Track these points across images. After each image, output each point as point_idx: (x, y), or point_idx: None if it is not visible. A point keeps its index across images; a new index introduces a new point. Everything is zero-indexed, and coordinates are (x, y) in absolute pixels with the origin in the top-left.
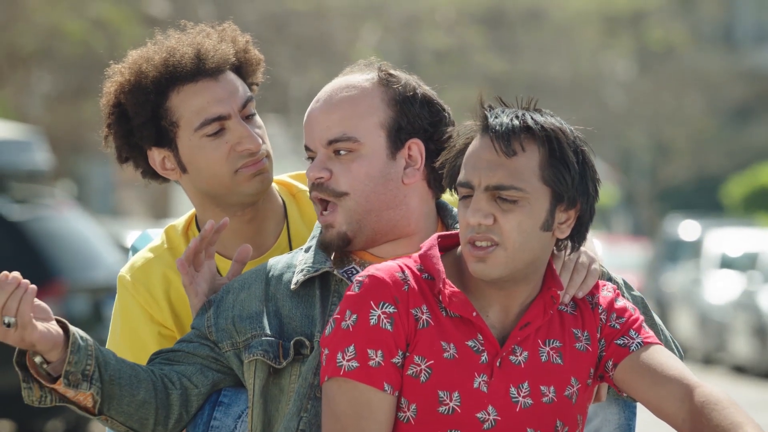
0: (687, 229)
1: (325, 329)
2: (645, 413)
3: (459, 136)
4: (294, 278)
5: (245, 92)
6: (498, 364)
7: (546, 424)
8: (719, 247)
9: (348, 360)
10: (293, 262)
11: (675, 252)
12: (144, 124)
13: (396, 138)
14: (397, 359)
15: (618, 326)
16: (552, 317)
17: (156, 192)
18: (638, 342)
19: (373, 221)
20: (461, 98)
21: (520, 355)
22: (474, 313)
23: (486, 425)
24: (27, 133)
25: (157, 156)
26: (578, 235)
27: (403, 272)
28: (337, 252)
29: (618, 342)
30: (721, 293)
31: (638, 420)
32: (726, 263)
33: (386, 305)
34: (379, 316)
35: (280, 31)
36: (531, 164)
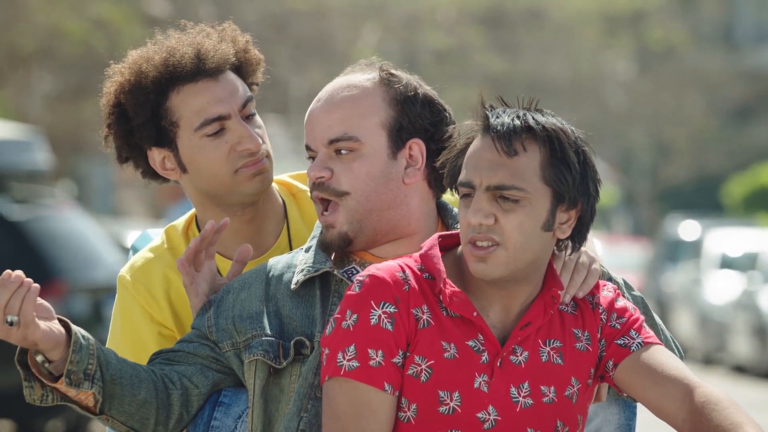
0: (687, 229)
1: (326, 329)
2: (645, 413)
3: (460, 136)
4: (294, 278)
5: (245, 92)
6: (498, 364)
7: (546, 424)
8: (719, 247)
9: (348, 360)
10: (293, 262)
11: (675, 252)
12: (144, 124)
13: (397, 138)
14: (398, 359)
15: (618, 326)
16: (552, 317)
17: (156, 192)
18: (639, 342)
19: (374, 221)
20: (461, 98)
21: (521, 355)
22: (474, 313)
23: (486, 425)
24: (27, 133)
25: (157, 156)
26: (579, 236)
27: (404, 272)
28: (338, 252)
29: (618, 342)
30: (722, 293)
31: (638, 420)
32: (726, 263)
33: (387, 305)
34: (380, 316)
35: (280, 31)
36: (532, 164)
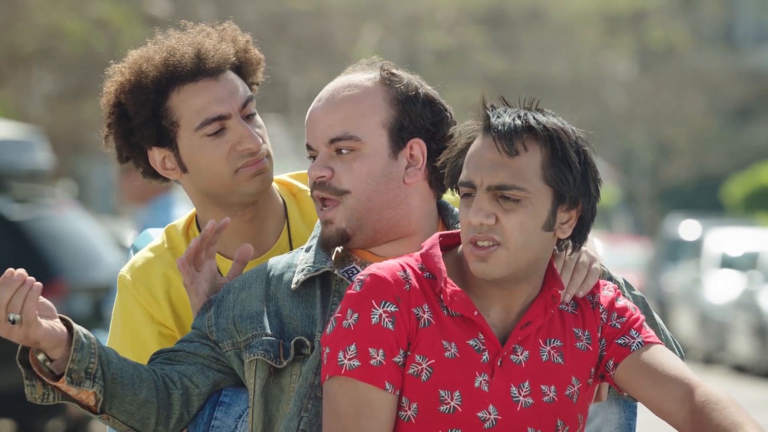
0: (687, 229)
1: (326, 328)
2: (646, 413)
3: (461, 136)
4: (294, 278)
5: (245, 92)
6: (499, 364)
7: (547, 424)
8: (720, 247)
9: (349, 359)
10: (294, 262)
11: (675, 252)
12: (144, 124)
13: (398, 137)
14: (399, 358)
15: (619, 326)
16: (553, 317)
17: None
18: (639, 341)
19: (374, 220)
20: (462, 98)
21: (521, 355)
22: (475, 312)
23: (487, 424)
24: (27, 133)
25: (158, 156)
26: (579, 235)
27: (405, 271)
28: (335, 248)
29: (619, 341)
30: (722, 293)
31: (639, 420)
32: (726, 263)
33: (388, 304)
34: (381, 315)
35: (281, 31)
36: (533, 164)
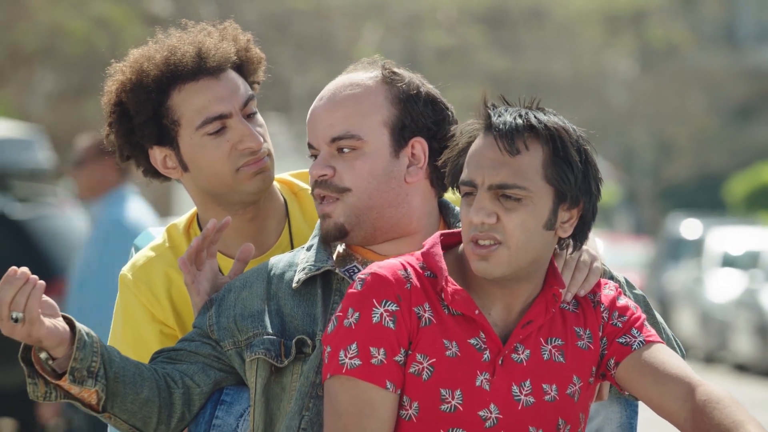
0: (689, 228)
1: (327, 327)
2: (647, 411)
3: (462, 135)
4: (296, 276)
5: (246, 91)
6: (500, 362)
7: (548, 423)
8: (721, 246)
9: (350, 358)
10: (295, 261)
11: (677, 250)
12: (145, 123)
13: (399, 136)
14: (400, 357)
15: (620, 325)
16: (554, 315)
17: (158, 191)
18: (640, 340)
19: (374, 218)
20: (463, 97)
21: (522, 354)
22: (476, 311)
23: (488, 423)
24: (29, 132)
25: (159, 155)
26: (580, 234)
27: (406, 270)
28: (337, 247)
29: (620, 340)
30: (723, 292)
31: (640, 419)
32: (728, 262)
33: (389, 303)
34: (382, 314)
35: (282, 30)
36: (534, 163)
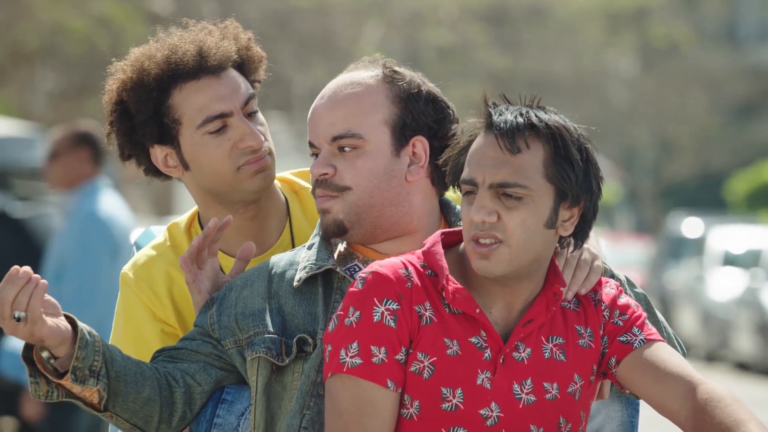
0: (690, 227)
1: (328, 326)
2: (648, 410)
3: (463, 134)
4: (297, 275)
5: (247, 89)
6: (501, 361)
7: (549, 421)
8: (722, 245)
9: (351, 357)
10: (296, 260)
11: (678, 249)
12: (146, 122)
13: (400, 135)
14: (401, 356)
15: (621, 323)
16: (555, 314)
17: (159, 189)
18: (641, 339)
19: (375, 217)
20: (464, 95)
21: (523, 352)
22: (477, 310)
23: (489, 422)
24: (30, 131)
25: (160, 153)
26: (581, 233)
27: (407, 269)
28: (338, 245)
29: (621, 339)
30: (725, 290)
31: (641, 417)
32: (729, 260)
33: (389, 302)
34: (383, 313)
35: (283, 29)
36: (535, 162)
